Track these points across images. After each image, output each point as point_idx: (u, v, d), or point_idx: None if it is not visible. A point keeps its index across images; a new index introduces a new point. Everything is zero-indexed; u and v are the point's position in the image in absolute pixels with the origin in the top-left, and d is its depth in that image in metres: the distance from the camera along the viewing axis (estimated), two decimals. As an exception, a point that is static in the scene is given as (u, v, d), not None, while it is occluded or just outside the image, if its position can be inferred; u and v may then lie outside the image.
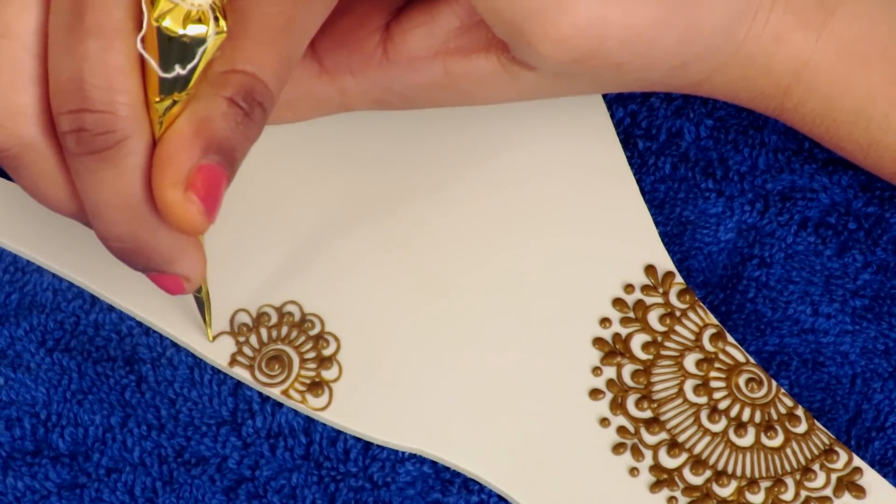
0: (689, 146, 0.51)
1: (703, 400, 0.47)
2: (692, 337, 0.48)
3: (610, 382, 0.47)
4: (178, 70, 0.38)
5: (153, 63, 0.38)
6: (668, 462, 0.46)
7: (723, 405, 0.47)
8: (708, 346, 0.48)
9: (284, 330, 0.48)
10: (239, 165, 0.40)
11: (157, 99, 0.39)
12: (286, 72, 0.41)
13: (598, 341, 0.48)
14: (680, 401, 0.47)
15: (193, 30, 0.37)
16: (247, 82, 0.40)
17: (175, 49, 0.38)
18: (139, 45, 0.38)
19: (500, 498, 0.47)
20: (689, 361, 0.48)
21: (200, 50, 0.38)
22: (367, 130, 0.51)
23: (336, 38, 0.46)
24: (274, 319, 0.48)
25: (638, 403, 0.47)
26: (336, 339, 0.48)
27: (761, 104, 0.46)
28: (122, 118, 0.39)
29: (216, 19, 0.38)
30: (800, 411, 0.47)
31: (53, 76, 0.39)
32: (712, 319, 0.48)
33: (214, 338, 0.47)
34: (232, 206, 0.49)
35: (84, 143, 0.39)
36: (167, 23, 0.37)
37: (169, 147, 0.39)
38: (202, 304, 0.47)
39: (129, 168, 0.39)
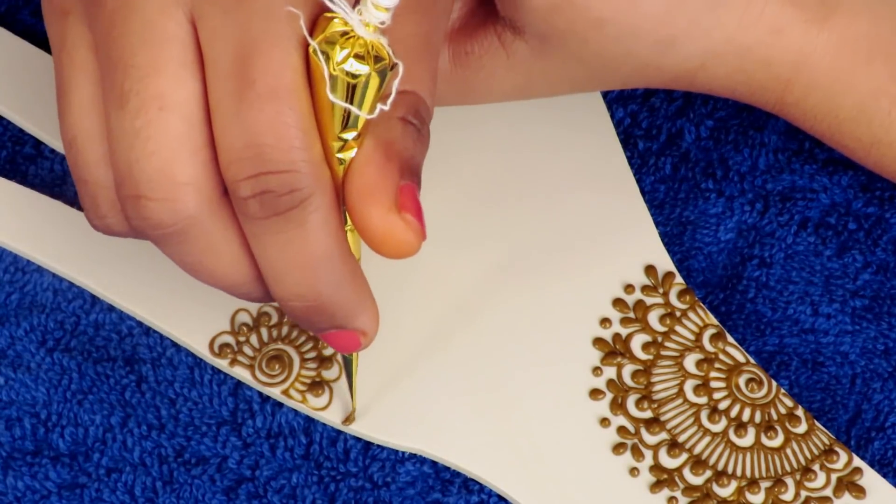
0: (689, 146, 0.51)
1: (703, 400, 0.47)
2: (692, 337, 0.48)
3: (610, 382, 0.47)
4: (381, 107, 0.38)
5: (354, 110, 0.38)
6: (669, 462, 0.46)
7: (723, 405, 0.47)
8: (708, 347, 0.48)
9: (285, 329, 0.48)
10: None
11: (337, 139, 0.38)
12: (436, 86, 0.41)
13: (598, 341, 0.48)
14: (680, 401, 0.47)
15: (378, 65, 0.37)
16: (413, 100, 0.40)
17: (358, 90, 0.38)
18: (330, 96, 0.37)
19: (500, 498, 0.47)
20: (690, 361, 0.48)
21: (384, 83, 0.38)
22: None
23: None
24: (274, 319, 0.48)
25: (638, 403, 0.47)
26: (336, 338, 0.48)
27: (761, 98, 0.46)
28: (305, 175, 0.38)
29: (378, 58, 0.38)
30: (800, 411, 0.47)
31: (225, 144, 0.38)
32: (712, 320, 0.48)
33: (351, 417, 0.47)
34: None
35: (269, 205, 0.38)
36: (350, 65, 0.37)
37: (368, 176, 0.39)
38: (350, 366, 0.46)
39: (315, 225, 0.39)
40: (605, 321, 0.48)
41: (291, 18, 0.38)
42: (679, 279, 0.49)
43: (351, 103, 0.38)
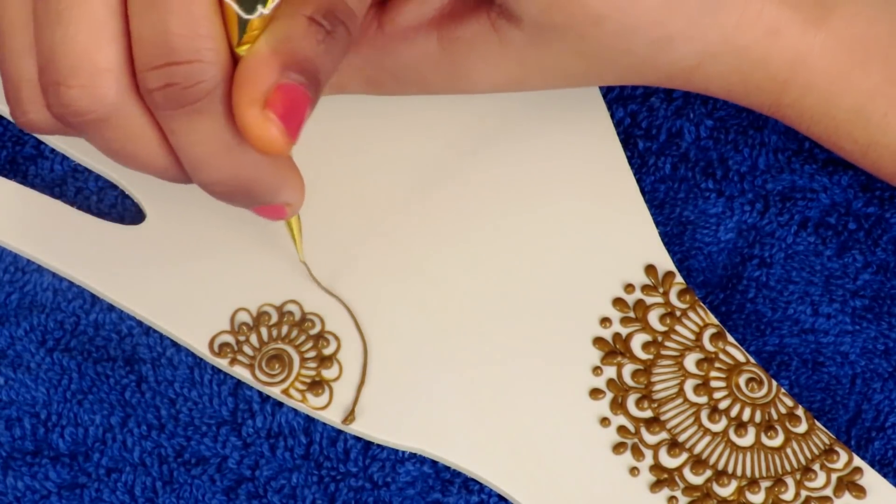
0: (689, 146, 0.51)
1: (703, 400, 0.47)
2: (692, 337, 0.48)
3: (610, 382, 0.47)
4: (261, 10, 0.37)
5: (234, 5, 0.37)
6: (669, 462, 0.46)
7: (723, 405, 0.47)
8: (708, 346, 0.48)
9: (285, 329, 0.48)
10: (323, 88, 0.39)
11: (238, 43, 0.38)
12: None
13: (598, 341, 0.48)
14: (680, 400, 0.47)
15: None
16: (328, 1, 0.39)
17: None
18: None
19: (500, 498, 0.47)
20: (690, 361, 0.48)
21: None
22: (369, 131, 0.51)
23: None
24: (274, 318, 0.48)
25: (638, 403, 0.47)
26: (336, 338, 0.48)
27: (758, 100, 0.46)
28: (209, 65, 0.38)
29: None
30: (800, 411, 0.47)
31: (136, 32, 0.39)
32: (712, 319, 0.48)
33: (304, 262, 0.47)
34: (232, 207, 0.49)
35: (174, 98, 0.39)
36: None
37: (247, 67, 0.38)
38: (292, 230, 0.46)
39: (223, 115, 0.39)
40: (605, 321, 0.48)
41: None
42: (679, 279, 0.49)
43: (257, 3, 0.37)
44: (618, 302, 0.48)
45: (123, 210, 0.50)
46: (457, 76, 0.46)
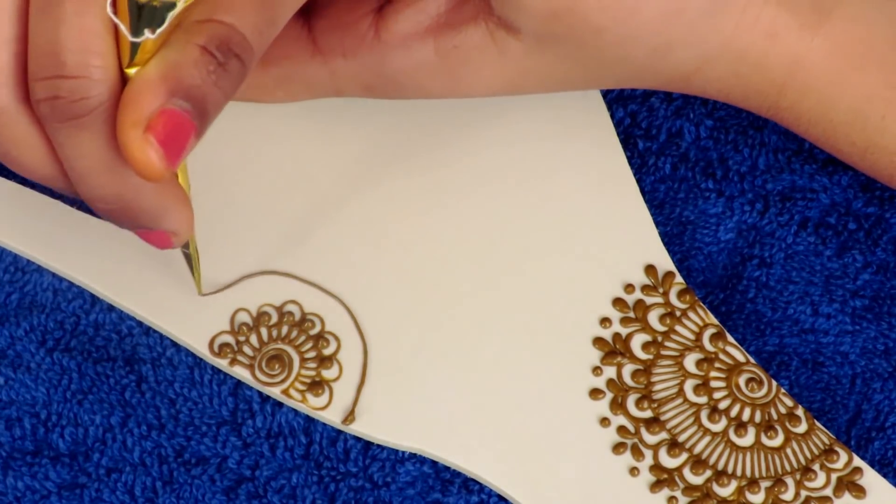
0: (689, 146, 0.51)
1: (703, 400, 0.47)
2: (692, 337, 0.48)
3: (610, 382, 0.47)
4: (148, 34, 0.37)
5: (122, 27, 0.37)
6: (669, 462, 0.46)
7: (723, 405, 0.47)
8: (708, 346, 0.48)
9: (285, 329, 0.48)
10: (211, 119, 0.39)
11: (127, 65, 0.38)
12: (269, 27, 0.40)
13: (598, 341, 0.48)
14: (680, 401, 0.47)
15: None
16: (223, 32, 0.39)
17: (146, 13, 0.37)
18: (109, 9, 0.37)
19: (500, 498, 0.47)
20: (690, 361, 0.48)
21: (170, 14, 0.37)
22: (369, 132, 0.51)
23: (332, 19, 0.46)
24: (274, 319, 0.48)
25: (638, 403, 0.47)
26: (336, 338, 0.48)
27: (756, 102, 0.46)
28: (96, 82, 0.38)
29: None
30: (800, 411, 0.47)
31: (31, 40, 0.39)
32: (712, 319, 0.48)
33: (205, 294, 0.47)
34: (233, 206, 0.49)
35: (59, 111, 0.38)
36: None
37: (133, 89, 0.38)
38: (190, 260, 0.46)
39: (106, 133, 0.39)
40: (605, 321, 0.48)
41: None
42: (679, 279, 0.49)
43: (144, 28, 0.37)
44: (618, 302, 0.48)
45: (123, 210, 0.50)
46: (454, 83, 0.46)
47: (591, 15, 0.43)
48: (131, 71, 0.38)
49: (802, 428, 0.47)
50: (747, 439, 0.47)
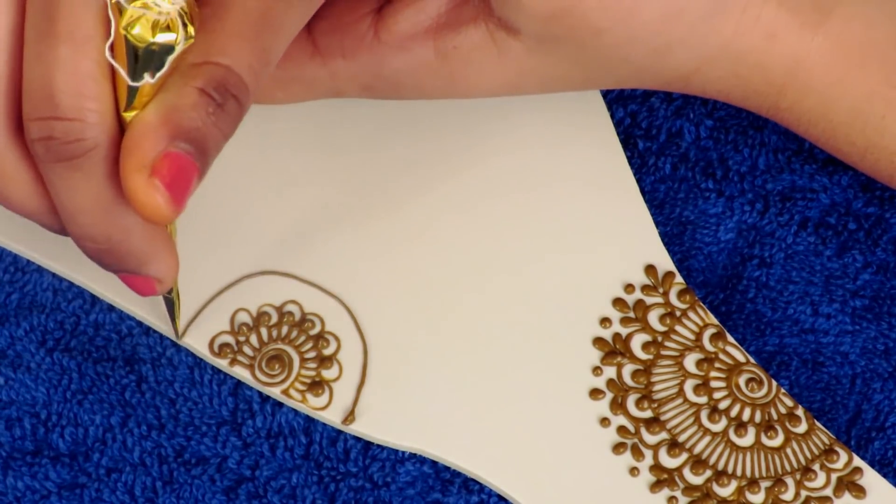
0: (689, 146, 0.51)
1: (703, 400, 0.47)
2: (692, 337, 0.48)
3: (610, 382, 0.47)
4: (147, 78, 0.38)
5: (122, 71, 0.38)
6: (669, 462, 0.46)
7: (723, 405, 0.47)
8: (708, 346, 0.48)
9: (285, 329, 0.48)
10: (212, 159, 0.39)
11: (125, 108, 0.38)
12: (264, 66, 0.40)
13: (598, 341, 0.48)
14: (680, 401, 0.47)
15: (163, 38, 0.37)
16: (220, 74, 0.39)
17: (144, 57, 0.37)
18: (107, 53, 0.38)
19: (500, 498, 0.47)
20: (690, 361, 0.48)
21: (169, 58, 0.37)
22: (369, 133, 0.51)
23: (331, 20, 0.46)
24: (274, 319, 0.48)
25: (638, 403, 0.47)
26: (336, 338, 0.48)
27: (755, 103, 0.46)
28: (91, 125, 0.38)
29: (185, 26, 0.37)
30: (800, 411, 0.47)
31: (26, 81, 0.39)
32: (712, 319, 0.48)
33: (183, 333, 0.47)
34: (233, 207, 0.49)
35: (53, 151, 0.39)
36: (136, 31, 0.37)
37: (135, 133, 0.38)
38: (171, 305, 0.46)
39: (99, 175, 0.39)
40: (605, 321, 0.48)
41: None
42: (679, 279, 0.49)
43: (143, 72, 0.38)
44: (618, 302, 0.48)
45: (123, 210, 0.50)
46: (454, 83, 0.46)
47: (591, 16, 0.43)
48: (129, 115, 0.38)
49: (802, 428, 0.47)
50: (747, 439, 0.47)
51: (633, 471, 0.46)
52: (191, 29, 0.38)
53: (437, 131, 0.50)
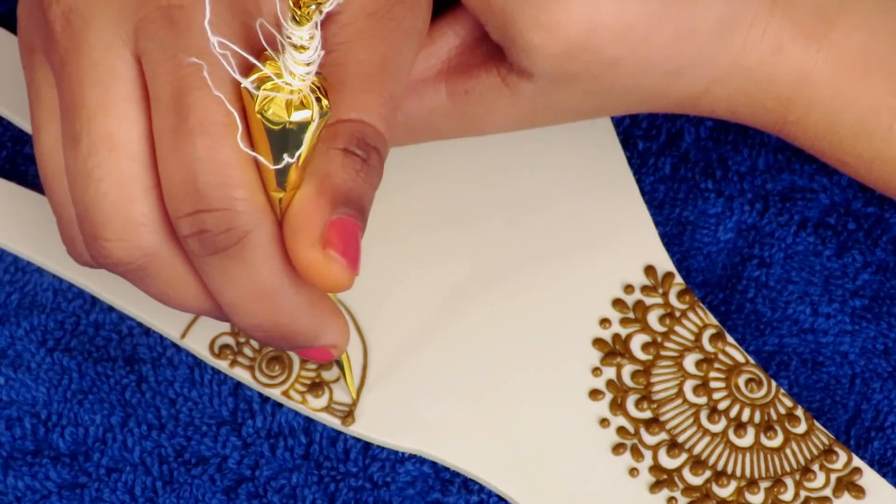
0: (688, 146, 0.51)
1: (702, 400, 0.47)
2: (692, 337, 0.48)
3: (610, 383, 0.47)
4: (287, 159, 0.38)
5: (261, 159, 0.37)
6: (668, 462, 0.47)
7: (722, 405, 0.47)
8: (708, 347, 0.48)
9: (285, 331, 0.48)
10: (368, 213, 0.40)
11: (273, 189, 0.38)
12: (391, 111, 0.41)
13: (597, 342, 0.48)
14: (680, 401, 0.47)
15: (298, 116, 0.37)
16: (357, 129, 0.39)
17: (281, 137, 0.37)
18: (240, 142, 0.37)
19: (500, 498, 0.47)
20: (689, 362, 0.48)
21: (307, 135, 0.37)
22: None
23: None
24: (274, 320, 0.48)
25: (638, 404, 0.47)
26: (336, 339, 0.48)
27: (762, 119, 0.45)
28: (241, 213, 0.38)
29: (318, 100, 0.37)
30: (799, 411, 0.47)
31: (166, 181, 0.39)
32: (712, 320, 0.48)
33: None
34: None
35: (207, 244, 0.39)
36: (270, 112, 0.37)
37: (297, 211, 0.39)
38: (341, 365, 0.46)
39: (257, 261, 0.39)
40: (604, 321, 0.48)
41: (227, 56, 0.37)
42: (679, 279, 0.49)
43: (283, 152, 0.38)
44: (617, 303, 0.48)
45: (123, 210, 0.50)
46: (467, 123, 0.45)
47: (605, 47, 0.42)
48: (278, 195, 0.39)
49: (802, 428, 0.47)
50: (747, 440, 0.47)
51: (633, 471, 0.46)
52: (325, 103, 0.37)
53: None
